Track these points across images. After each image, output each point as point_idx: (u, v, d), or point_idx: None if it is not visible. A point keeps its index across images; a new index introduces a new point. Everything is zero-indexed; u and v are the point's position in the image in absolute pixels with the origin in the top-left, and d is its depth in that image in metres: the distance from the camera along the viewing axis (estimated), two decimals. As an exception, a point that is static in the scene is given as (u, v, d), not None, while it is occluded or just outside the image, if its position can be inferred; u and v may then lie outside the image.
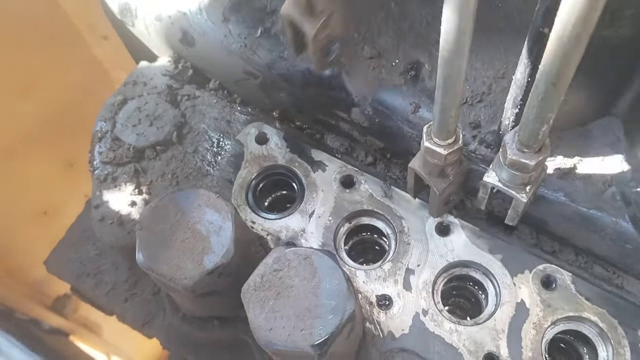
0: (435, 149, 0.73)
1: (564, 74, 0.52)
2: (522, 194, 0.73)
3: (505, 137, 0.67)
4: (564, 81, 0.53)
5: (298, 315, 0.70)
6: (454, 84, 0.60)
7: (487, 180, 0.75)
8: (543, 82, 0.54)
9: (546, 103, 0.56)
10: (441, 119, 0.67)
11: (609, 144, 0.81)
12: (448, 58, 0.57)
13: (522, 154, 0.67)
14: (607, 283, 0.85)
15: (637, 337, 0.82)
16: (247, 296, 0.72)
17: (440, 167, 0.77)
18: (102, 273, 1.04)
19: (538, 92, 0.56)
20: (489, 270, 0.87)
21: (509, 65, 0.85)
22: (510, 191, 0.73)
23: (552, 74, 0.53)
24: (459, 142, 0.73)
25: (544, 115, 0.58)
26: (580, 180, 0.81)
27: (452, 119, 0.67)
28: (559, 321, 0.84)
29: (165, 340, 0.97)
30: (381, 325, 0.85)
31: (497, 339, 0.83)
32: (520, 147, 0.66)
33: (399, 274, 0.88)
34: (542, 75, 0.54)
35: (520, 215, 0.79)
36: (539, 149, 0.67)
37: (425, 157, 0.76)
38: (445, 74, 0.60)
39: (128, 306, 1.00)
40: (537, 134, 0.62)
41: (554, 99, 0.55)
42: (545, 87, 0.54)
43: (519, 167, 0.68)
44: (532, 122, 0.60)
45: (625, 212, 0.79)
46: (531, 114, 0.59)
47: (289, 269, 0.73)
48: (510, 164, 0.69)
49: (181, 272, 0.74)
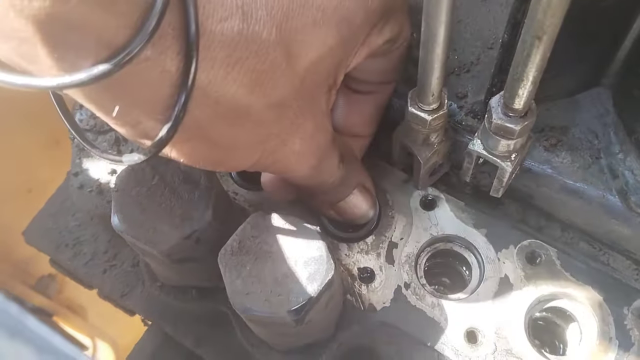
0: (420, 114, 0.71)
1: (549, 26, 0.50)
2: (507, 162, 0.71)
3: (491, 101, 0.66)
4: (550, 35, 0.51)
5: (276, 281, 0.69)
6: (437, 42, 0.59)
7: (472, 149, 0.73)
8: (528, 36, 0.53)
9: (531, 59, 0.55)
10: (425, 81, 0.66)
11: (598, 116, 0.79)
12: (431, 12, 0.56)
13: (507, 118, 0.65)
14: (593, 259, 0.84)
15: (622, 315, 0.81)
16: (223, 261, 0.70)
17: (425, 135, 0.75)
18: (81, 244, 1.02)
19: (523, 48, 0.54)
20: (473, 245, 0.85)
21: (498, 35, 0.84)
22: (495, 159, 0.72)
23: (536, 27, 0.51)
24: (444, 107, 0.71)
25: (529, 74, 0.57)
26: (567, 152, 0.79)
27: (437, 81, 0.65)
28: (543, 297, 0.83)
29: (144, 312, 0.95)
30: (362, 298, 0.84)
31: (479, 314, 0.82)
32: (506, 110, 0.65)
33: (381, 247, 0.87)
34: (527, 28, 0.52)
35: (506, 186, 0.77)
36: (525, 114, 0.65)
37: (409, 124, 0.74)
38: (428, 30, 0.58)
39: (106, 278, 0.98)
40: (522, 95, 0.60)
41: (539, 55, 0.54)
42: (530, 41, 0.52)
43: (503, 132, 0.67)
44: (517, 81, 0.58)
45: (613, 186, 0.78)
46: (516, 73, 0.58)
47: (268, 235, 0.72)
48: (495, 129, 0.67)
49: (157, 236, 0.72)
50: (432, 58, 0.61)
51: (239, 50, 0.53)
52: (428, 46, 0.60)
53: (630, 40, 0.72)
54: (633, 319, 0.80)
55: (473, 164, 0.76)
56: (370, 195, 0.84)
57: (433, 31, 0.57)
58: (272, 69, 0.56)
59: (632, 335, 0.79)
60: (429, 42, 0.59)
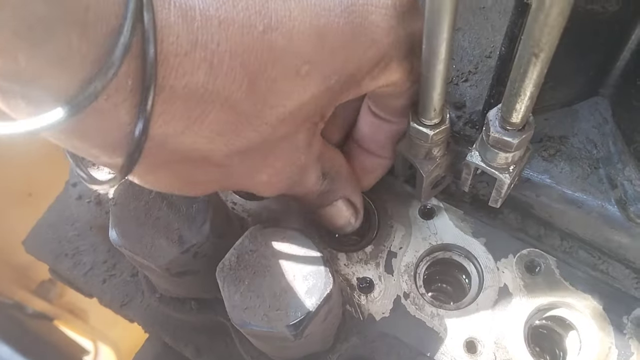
0: (421, 129, 0.70)
1: (545, 43, 0.50)
2: (505, 174, 0.71)
3: (488, 115, 0.66)
4: (547, 51, 0.51)
5: (274, 296, 0.68)
6: (439, 58, 0.58)
7: (470, 160, 0.73)
8: (525, 52, 0.52)
9: (528, 76, 0.54)
10: (427, 96, 0.65)
11: (596, 125, 0.79)
12: (433, 30, 0.55)
13: (504, 132, 0.65)
14: (592, 268, 0.84)
15: (622, 324, 0.81)
16: (221, 275, 0.70)
17: (427, 149, 0.75)
18: (81, 254, 1.02)
19: (520, 64, 0.54)
20: (472, 254, 0.85)
21: (496, 44, 0.84)
22: (493, 171, 0.72)
23: (533, 44, 0.50)
24: (445, 122, 0.71)
25: (526, 90, 0.56)
26: (566, 162, 0.79)
27: (439, 96, 0.65)
28: (542, 306, 0.82)
29: (144, 322, 0.95)
30: (361, 309, 0.84)
31: (478, 323, 0.81)
32: (503, 124, 0.64)
33: (380, 257, 0.87)
34: (524, 45, 0.52)
35: (504, 197, 0.77)
36: (522, 127, 0.65)
37: (411, 138, 0.74)
38: (430, 47, 0.57)
39: (106, 287, 0.98)
40: (520, 110, 0.60)
41: (536, 72, 0.53)
42: (527, 58, 0.52)
43: (501, 145, 0.66)
44: (514, 96, 0.58)
45: (612, 196, 0.77)
46: (513, 88, 0.57)
47: (266, 249, 0.72)
48: (493, 142, 0.67)
49: (155, 251, 0.72)
50: (433, 74, 0.60)
51: (201, 105, 0.50)
52: (429, 62, 0.59)
53: (628, 50, 0.72)
54: (632, 328, 0.80)
55: (471, 175, 0.76)
56: (354, 209, 0.82)
57: (434, 48, 0.57)
58: (238, 121, 0.54)
59: (631, 345, 0.79)
60: (430, 59, 0.59)
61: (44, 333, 1.60)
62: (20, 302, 1.59)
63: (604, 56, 0.73)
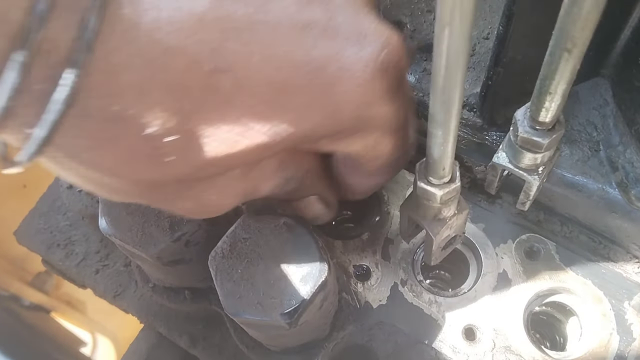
0: (429, 189, 0.64)
1: (579, 38, 0.46)
2: (535, 175, 0.66)
3: (516, 114, 0.62)
4: (580, 46, 0.47)
5: (268, 284, 0.67)
6: (450, 114, 0.52)
7: (497, 162, 0.68)
8: (557, 48, 0.48)
9: (559, 72, 0.50)
10: (435, 155, 0.59)
11: (597, 107, 0.77)
12: (443, 85, 0.49)
13: (534, 132, 0.60)
14: (592, 253, 0.82)
15: (623, 309, 0.79)
16: (214, 264, 0.69)
17: (436, 210, 0.69)
18: (73, 244, 1.00)
19: (551, 61, 0.50)
20: (470, 240, 0.84)
21: (494, 25, 0.81)
22: (522, 173, 0.67)
23: (565, 39, 0.46)
24: (455, 180, 0.64)
25: (557, 87, 0.52)
26: (566, 145, 0.78)
27: (448, 154, 0.59)
28: (542, 292, 0.81)
29: (137, 313, 0.94)
30: (358, 296, 0.82)
31: (477, 310, 0.80)
32: (532, 123, 0.60)
33: (377, 244, 0.85)
34: (556, 40, 0.48)
35: (533, 199, 0.73)
36: (552, 127, 0.61)
37: (418, 198, 0.68)
38: (440, 103, 0.51)
39: (99, 278, 0.97)
40: (550, 109, 0.56)
41: (569, 68, 0.49)
42: (559, 54, 0.48)
43: (530, 146, 0.62)
44: (545, 94, 0.54)
45: (613, 178, 0.76)
46: (544, 86, 0.53)
47: (259, 237, 0.70)
48: (521, 143, 0.62)
49: (145, 239, 0.71)
50: (443, 132, 0.54)
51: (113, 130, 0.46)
52: (439, 119, 0.53)
53: (629, 29, 0.70)
54: (634, 314, 0.79)
55: (498, 177, 0.72)
56: (325, 203, 0.76)
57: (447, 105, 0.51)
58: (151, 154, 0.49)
59: (633, 330, 0.78)
60: (442, 115, 0.52)
61: (40, 325, 1.59)
62: (16, 294, 1.58)
63: (604, 35, 0.71)
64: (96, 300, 1.15)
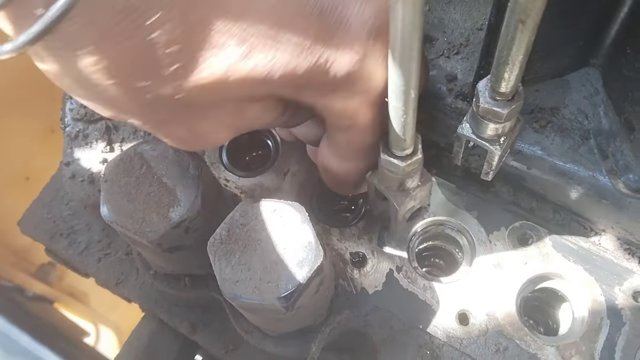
0: (393, 160, 0.67)
1: (532, 9, 0.49)
2: (496, 145, 0.70)
3: (478, 85, 0.65)
4: (533, 17, 0.50)
5: (265, 268, 0.69)
6: (407, 87, 0.55)
7: (461, 133, 0.72)
8: (512, 19, 0.51)
9: (516, 43, 0.53)
10: (397, 127, 0.62)
11: (587, 96, 0.79)
12: (399, 59, 0.52)
13: (494, 102, 0.64)
14: (584, 240, 0.84)
15: (614, 294, 0.81)
16: (212, 249, 0.70)
17: (400, 181, 0.72)
18: (76, 233, 1.02)
19: (507, 32, 0.53)
20: (464, 227, 0.86)
21: (487, 16, 0.82)
22: (484, 143, 0.71)
23: (520, 10, 0.50)
24: (418, 153, 0.68)
25: (514, 58, 0.55)
26: (557, 133, 0.79)
27: (409, 125, 0.61)
28: (534, 278, 0.83)
29: (139, 300, 0.96)
30: (354, 282, 0.84)
31: (471, 296, 0.82)
32: (493, 94, 0.63)
33: (373, 232, 0.87)
34: (511, 12, 0.51)
35: (496, 169, 0.77)
36: (512, 97, 0.64)
37: (383, 170, 0.71)
38: (397, 75, 0.54)
39: (101, 266, 0.99)
40: (509, 79, 0.59)
41: (524, 39, 0.52)
42: (514, 25, 0.51)
43: (491, 116, 0.66)
44: (503, 65, 0.57)
45: (602, 166, 0.77)
46: (501, 57, 0.57)
47: (257, 222, 0.72)
48: (483, 113, 0.66)
49: (146, 226, 0.72)
50: (404, 103, 0.57)
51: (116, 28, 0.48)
52: (399, 90, 0.56)
53: (619, 19, 0.71)
54: (624, 299, 0.80)
55: (462, 147, 0.75)
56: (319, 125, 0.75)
57: (405, 74, 0.53)
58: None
59: (623, 315, 0.80)
60: (400, 86, 0.55)
61: (44, 316, 1.61)
62: (20, 285, 1.60)
63: (594, 24, 0.72)
64: (99, 291, 1.17)
